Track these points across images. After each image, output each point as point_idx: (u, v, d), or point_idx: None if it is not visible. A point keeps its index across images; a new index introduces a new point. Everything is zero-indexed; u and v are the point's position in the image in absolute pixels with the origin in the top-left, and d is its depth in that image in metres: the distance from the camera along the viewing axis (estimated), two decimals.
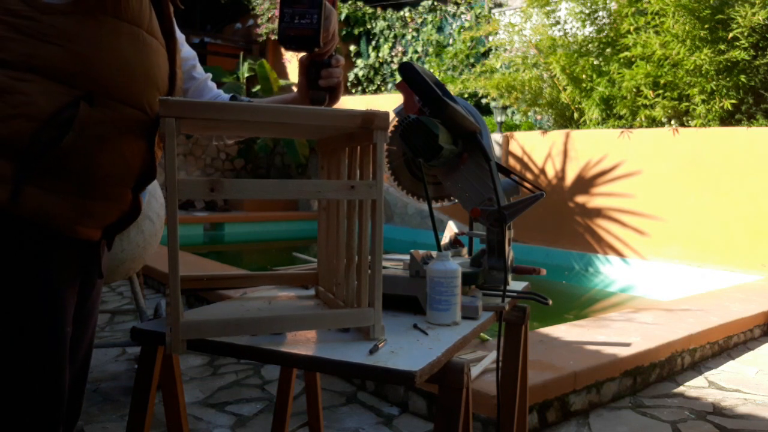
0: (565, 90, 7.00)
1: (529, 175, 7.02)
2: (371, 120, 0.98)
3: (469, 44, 9.55)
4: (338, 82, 1.20)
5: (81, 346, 1.13)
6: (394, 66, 10.89)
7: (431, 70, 6.78)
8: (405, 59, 10.13)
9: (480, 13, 9.74)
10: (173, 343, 0.92)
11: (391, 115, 1.20)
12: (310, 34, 1.08)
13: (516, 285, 1.52)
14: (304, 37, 1.08)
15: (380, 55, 10.97)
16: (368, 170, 1.03)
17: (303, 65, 1.20)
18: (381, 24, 11.01)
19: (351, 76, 11.14)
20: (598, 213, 6.38)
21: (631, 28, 6.23)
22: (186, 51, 1.25)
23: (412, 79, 1.33)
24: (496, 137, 7.27)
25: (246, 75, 10.76)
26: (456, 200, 1.45)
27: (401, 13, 10.85)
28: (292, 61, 11.46)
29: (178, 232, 0.90)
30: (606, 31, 6.80)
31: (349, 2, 10.99)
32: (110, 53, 0.94)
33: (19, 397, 0.94)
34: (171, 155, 0.88)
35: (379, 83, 11.09)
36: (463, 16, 10.02)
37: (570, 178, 6.63)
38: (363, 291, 1.03)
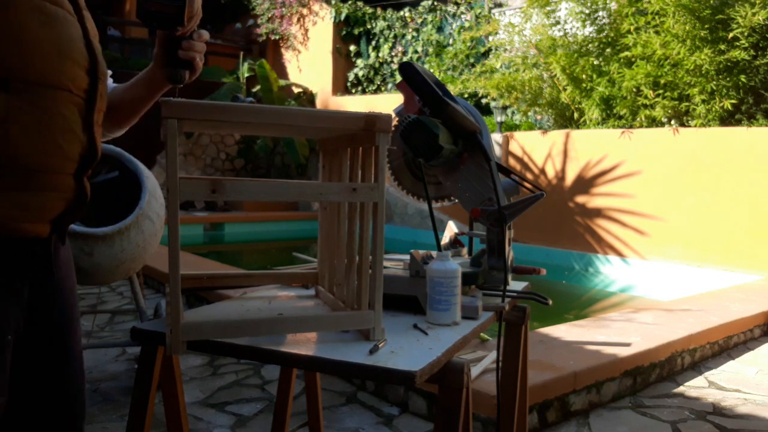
0: (565, 90, 7.00)
1: (529, 175, 7.02)
2: (374, 123, 0.98)
3: (469, 44, 9.53)
4: (194, 57, 1.07)
5: (71, 355, 1.03)
6: (394, 66, 10.87)
7: (431, 70, 6.78)
8: (405, 59, 10.12)
9: (480, 13, 9.72)
10: (173, 345, 0.92)
11: (392, 115, 1.20)
12: (174, 12, 0.98)
13: (516, 285, 1.52)
14: (167, 15, 0.98)
15: (380, 55, 10.95)
16: (370, 172, 1.03)
17: (161, 38, 1.08)
18: (381, 24, 10.99)
19: (351, 76, 11.13)
20: (598, 213, 6.38)
21: (632, 28, 6.22)
22: None
23: (412, 78, 1.33)
24: (496, 137, 7.27)
25: (246, 75, 10.75)
26: (456, 200, 1.46)
27: (401, 13, 10.83)
28: (291, 61, 11.45)
29: (179, 233, 0.90)
30: (606, 31, 6.79)
31: (349, 2, 10.98)
32: (15, 33, 0.86)
33: None
34: (173, 156, 0.88)
35: (379, 83, 11.08)
36: (463, 16, 10.01)
37: (570, 178, 6.63)
38: (363, 292, 1.03)
